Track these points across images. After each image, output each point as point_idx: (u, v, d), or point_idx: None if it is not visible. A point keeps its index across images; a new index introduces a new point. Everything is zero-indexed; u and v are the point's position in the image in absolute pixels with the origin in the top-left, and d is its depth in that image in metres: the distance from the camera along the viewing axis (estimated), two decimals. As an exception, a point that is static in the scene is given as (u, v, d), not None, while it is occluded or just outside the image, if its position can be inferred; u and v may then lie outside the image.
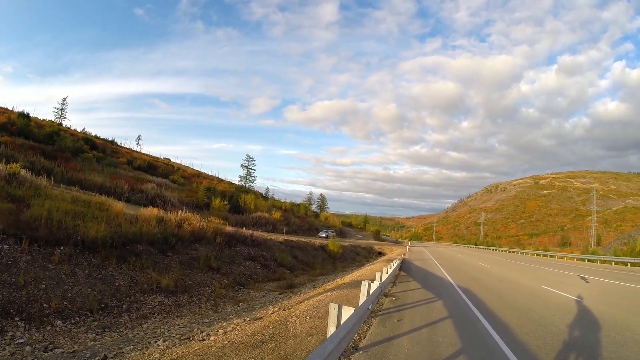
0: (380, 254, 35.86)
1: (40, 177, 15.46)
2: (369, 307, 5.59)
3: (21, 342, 6.17)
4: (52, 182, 16.37)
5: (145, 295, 9.27)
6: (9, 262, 7.76)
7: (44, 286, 7.50)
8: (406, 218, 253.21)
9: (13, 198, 11.40)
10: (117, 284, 8.98)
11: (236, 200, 38.17)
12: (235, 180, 59.59)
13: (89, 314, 7.43)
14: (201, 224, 16.59)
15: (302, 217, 50.81)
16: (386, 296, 8.76)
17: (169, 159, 60.79)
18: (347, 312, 4.39)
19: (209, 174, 60.91)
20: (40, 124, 35.46)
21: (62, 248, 8.85)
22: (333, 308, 4.53)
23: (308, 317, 6.47)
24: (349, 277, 14.18)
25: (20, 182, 13.73)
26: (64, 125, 44.02)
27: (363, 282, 6.40)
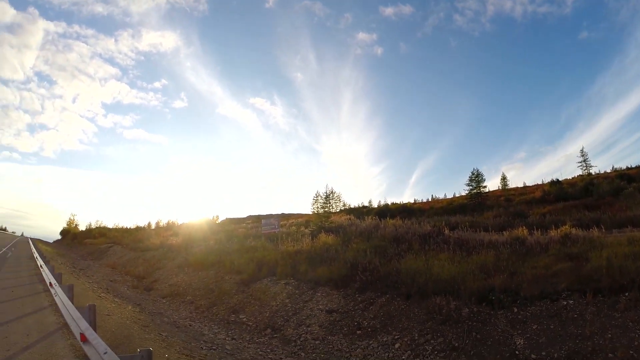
0: None
1: (590, 230, 15.60)
2: None
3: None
4: (603, 230, 15.92)
5: None
6: (575, 316, 7.99)
7: (609, 335, 7.05)
8: None
9: (570, 256, 12.08)
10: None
11: None
12: None
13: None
14: None
15: None
16: None
17: None
18: None
19: None
20: (570, 183, 37.03)
21: (626, 294, 8.04)
22: None
23: None
24: None
25: (572, 240, 14.44)
26: (592, 174, 43.42)
27: None
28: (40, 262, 16.16)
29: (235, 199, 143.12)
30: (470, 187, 37.35)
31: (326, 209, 23.38)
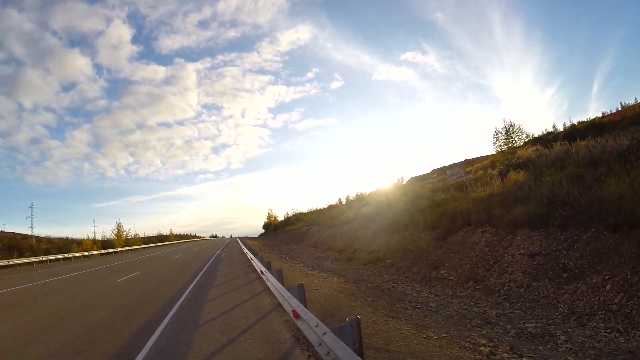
0: None
1: None
2: None
3: None
4: None
5: None
6: None
7: None
8: None
9: None
10: None
11: None
12: None
13: None
14: None
15: None
16: None
17: None
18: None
19: None
20: None
21: None
22: None
23: None
24: None
25: None
26: None
27: None
28: (249, 255, 17.61)
29: (416, 157, 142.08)
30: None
31: (509, 145, 21.37)
